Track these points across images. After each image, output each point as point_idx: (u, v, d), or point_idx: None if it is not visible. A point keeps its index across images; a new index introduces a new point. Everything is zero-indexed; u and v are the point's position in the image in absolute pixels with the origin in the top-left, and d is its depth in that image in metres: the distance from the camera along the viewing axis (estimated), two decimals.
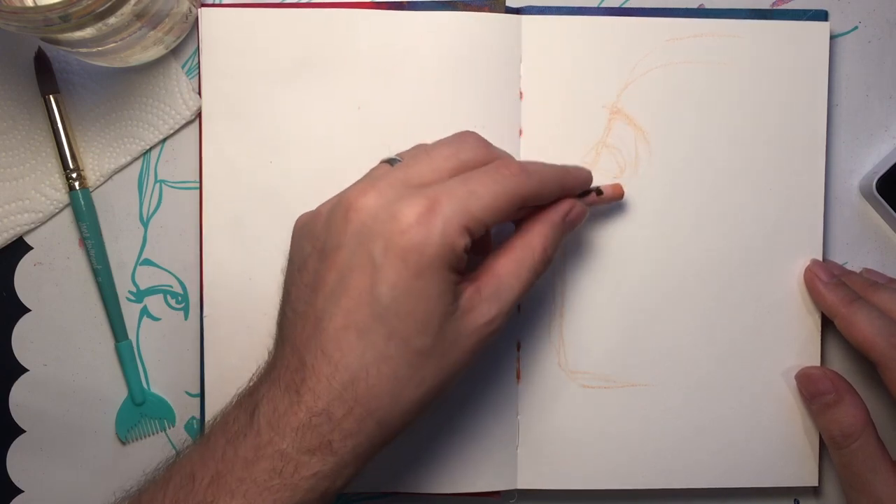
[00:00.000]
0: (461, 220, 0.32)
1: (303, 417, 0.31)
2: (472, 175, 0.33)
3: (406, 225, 0.31)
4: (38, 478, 0.44)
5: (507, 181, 0.33)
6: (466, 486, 0.43)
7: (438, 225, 0.31)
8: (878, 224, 0.45)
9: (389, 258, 0.31)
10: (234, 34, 0.42)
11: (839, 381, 0.41)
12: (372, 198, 0.32)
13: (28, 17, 0.33)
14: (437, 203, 0.32)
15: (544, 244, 0.35)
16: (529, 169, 0.35)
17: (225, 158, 0.42)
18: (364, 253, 0.32)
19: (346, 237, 0.32)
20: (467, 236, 0.32)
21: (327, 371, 0.31)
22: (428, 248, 0.31)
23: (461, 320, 0.33)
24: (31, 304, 0.44)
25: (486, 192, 0.33)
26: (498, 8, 0.42)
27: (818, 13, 0.43)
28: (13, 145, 0.43)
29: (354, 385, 0.31)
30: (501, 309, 0.34)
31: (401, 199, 0.32)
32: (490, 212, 0.33)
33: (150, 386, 0.44)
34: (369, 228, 0.32)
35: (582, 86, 0.43)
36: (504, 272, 0.34)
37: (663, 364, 0.43)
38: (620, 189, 0.42)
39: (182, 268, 0.44)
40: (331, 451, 0.31)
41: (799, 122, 0.43)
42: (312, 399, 0.31)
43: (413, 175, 0.33)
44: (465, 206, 0.32)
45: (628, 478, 0.43)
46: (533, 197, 0.35)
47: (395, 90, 0.42)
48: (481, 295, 0.33)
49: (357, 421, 0.31)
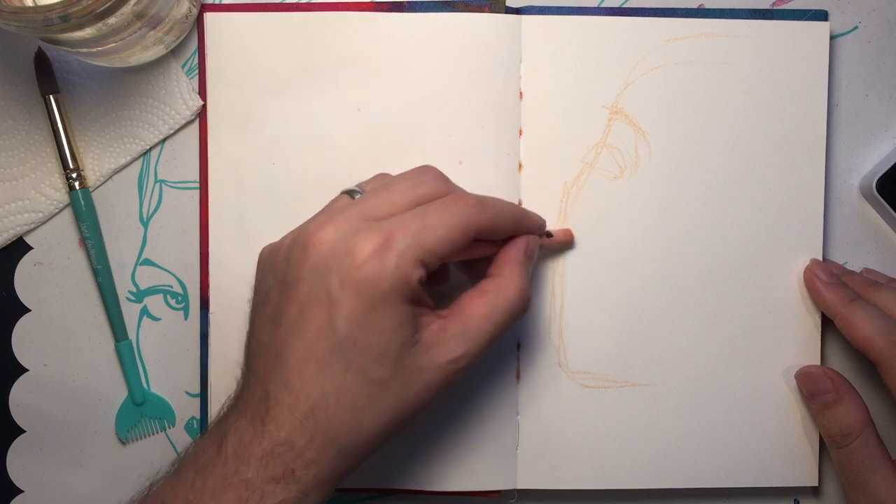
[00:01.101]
0: (415, 254, 0.32)
1: (266, 446, 0.32)
2: (428, 208, 0.34)
3: (361, 259, 0.32)
4: (38, 478, 0.44)
5: (462, 212, 0.34)
6: (466, 486, 0.43)
7: (392, 259, 0.32)
8: (878, 224, 0.45)
9: (345, 292, 0.32)
10: (238, 38, 0.42)
11: (839, 380, 0.41)
12: (329, 231, 0.33)
13: (28, 17, 0.33)
14: (392, 237, 0.32)
15: (521, 285, 0.36)
16: (485, 202, 0.36)
17: (229, 160, 0.43)
18: (322, 286, 0.32)
19: (305, 270, 0.33)
20: (421, 269, 0.33)
21: (289, 401, 0.32)
22: (382, 281, 0.32)
23: (423, 355, 0.33)
24: (31, 304, 0.44)
25: (441, 225, 0.33)
26: (498, 8, 0.42)
27: (818, 13, 0.43)
28: (13, 145, 0.43)
29: (315, 415, 0.32)
30: (469, 349, 0.34)
31: (357, 233, 0.33)
32: (444, 244, 0.33)
33: (150, 386, 0.44)
34: (326, 262, 0.32)
35: (582, 86, 0.43)
36: (475, 313, 0.35)
37: (663, 364, 0.43)
38: (570, 234, 0.43)
39: (182, 268, 0.44)
40: (294, 480, 0.32)
41: (799, 122, 0.43)
42: (275, 428, 0.32)
43: (370, 209, 0.34)
44: (419, 240, 0.33)
45: (628, 478, 0.43)
46: (488, 229, 0.35)
47: (395, 91, 0.42)
48: (447, 332, 0.34)
49: (318, 450, 0.32)
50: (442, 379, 0.34)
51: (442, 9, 0.42)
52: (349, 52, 0.42)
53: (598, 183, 0.43)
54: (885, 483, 0.39)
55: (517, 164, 0.43)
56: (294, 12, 0.42)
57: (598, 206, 0.43)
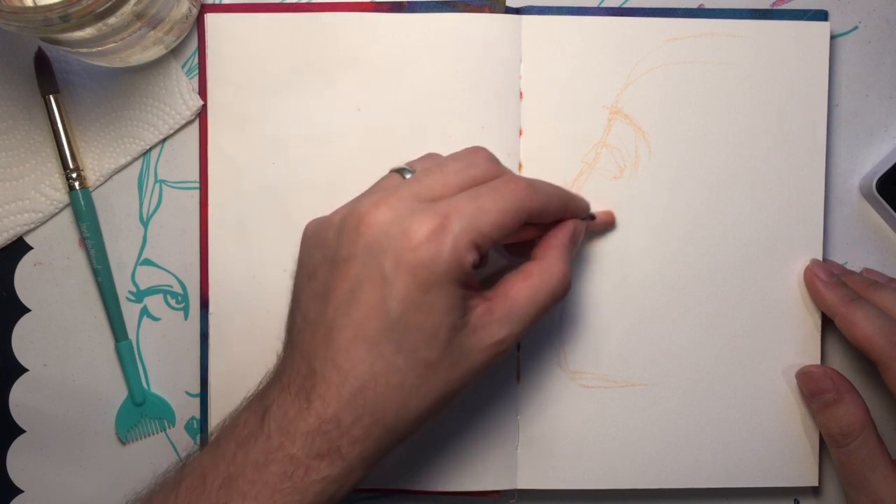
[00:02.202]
0: (470, 237, 0.32)
1: (313, 423, 0.32)
2: (481, 190, 0.34)
3: (416, 241, 0.32)
4: (38, 478, 0.44)
5: (515, 196, 0.34)
6: (466, 486, 0.43)
7: (448, 242, 0.32)
8: (878, 224, 0.45)
9: (400, 273, 0.32)
10: (238, 38, 0.42)
11: (839, 379, 0.41)
12: (383, 212, 0.33)
13: (28, 17, 0.33)
14: (447, 220, 0.32)
15: (564, 270, 0.36)
16: (536, 185, 0.35)
17: (229, 160, 0.43)
18: (375, 266, 0.32)
19: (358, 249, 0.33)
20: (475, 252, 0.33)
21: (337, 379, 0.32)
22: (437, 264, 0.32)
23: (470, 336, 0.33)
24: (31, 304, 0.44)
25: (494, 208, 0.33)
26: (498, 8, 0.42)
27: (818, 13, 0.43)
28: (13, 145, 0.43)
29: (363, 394, 0.32)
30: (512, 331, 0.34)
31: (412, 214, 0.32)
32: (497, 227, 0.33)
33: (150, 386, 0.44)
34: (380, 243, 0.32)
35: (582, 86, 0.43)
36: (519, 296, 0.35)
37: (663, 364, 0.43)
38: (612, 216, 0.43)
39: (182, 268, 0.44)
40: (340, 457, 0.32)
41: (799, 121, 0.43)
42: (322, 406, 0.32)
43: (424, 189, 0.34)
44: (473, 223, 0.33)
45: (628, 478, 0.43)
46: (538, 213, 0.35)
47: (395, 91, 0.42)
48: (493, 315, 0.34)
49: (365, 428, 0.32)
50: (486, 360, 0.34)
51: (442, 9, 0.42)
52: (349, 52, 0.42)
53: (598, 183, 0.43)
54: (885, 482, 0.39)
55: (517, 164, 0.43)
56: (294, 12, 0.42)
57: (598, 206, 0.43)
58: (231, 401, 0.42)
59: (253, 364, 0.42)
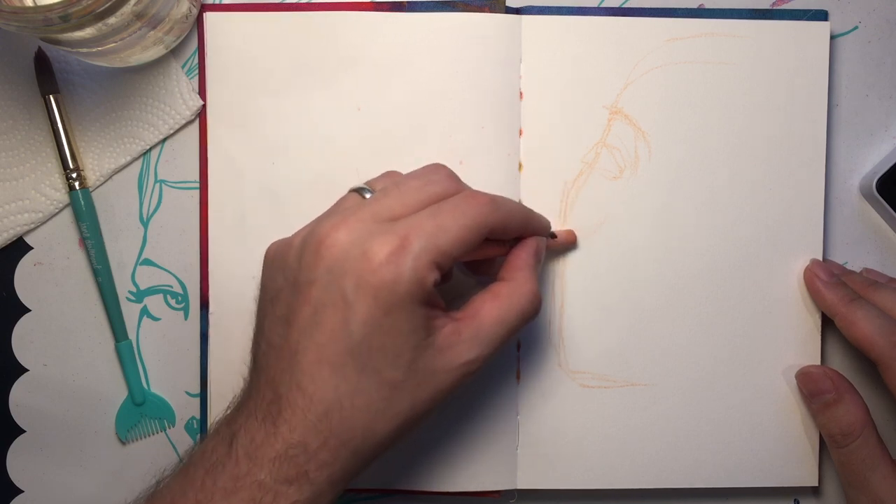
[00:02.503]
0: (430, 257, 0.32)
1: (279, 448, 0.32)
2: (441, 208, 0.34)
3: (377, 263, 0.32)
4: (38, 478, 0.44)
5: (475, 211, 0.34)
6: (466, 486, 0.43)
7: (408, 262, 0.32)
8: (878, 224, 0.45)
9: (361, 295, 0.32)
10: (238, 38, 0.42)
11: (839, 379, 0.41)
12: (343, 233, 0.33)
13: (28, 17, 0.33)
14: (407, 240, 0.32)
15: (533, 289, 0.36)
16: (497, 201, 0.35)
17: (229, 160, 0.43)
18: (336, 289, 0.32)
19: (319, 272, 0.33)
20: (436, 271, 0.33)
21: (302, 403, 0.32)
22: (398, 285, 0.32)
23: (437, 357, 0.33)
24: (31, 304, 0.44)
25: (454, 225, 0.33)
26: (498, 8, 0.42)
27: (818, 13, 0.43)
28: (13, 145, 0.43)
29: (329, 417, 0.32)
30: (481, 352, 0.34)
31: (371, 235, 0.33)
32: (458, 244, 0.33)
33: (150, 386, 0.44)
34: (341, 265, 0.32)
35: (582, 86, 0.43)
36: (488, 317, 0.35)
37: (663, 364, 0.43)
38: (573, 235, 0.43)
39: (182, 268, 0.44)
40: (307, 481, 0.32)
41: (799, 122, 0.43)
42: (288, 431, 0.32)
43: (383, 209, 0.34)
44: (433, 242, 0.33)
45: (628, 478, 0.43)
46: (499, 228, 0.35)
47: (395, 91, 0.42)
48: (461, 335, 0.34)
49: (332, 451, 0.32)
50: (454, 381, 0.34)
51: (442, 9, 0.42)
52: (349, 52, 0.42)
53: (597, 183, 0.43)
54: (885, 482, 0.39)
55: (517, 164, 0.43)
56: (294, 12, 0.42)
57: (597, 206, 0.43)
58: (230, 401, 0.42)
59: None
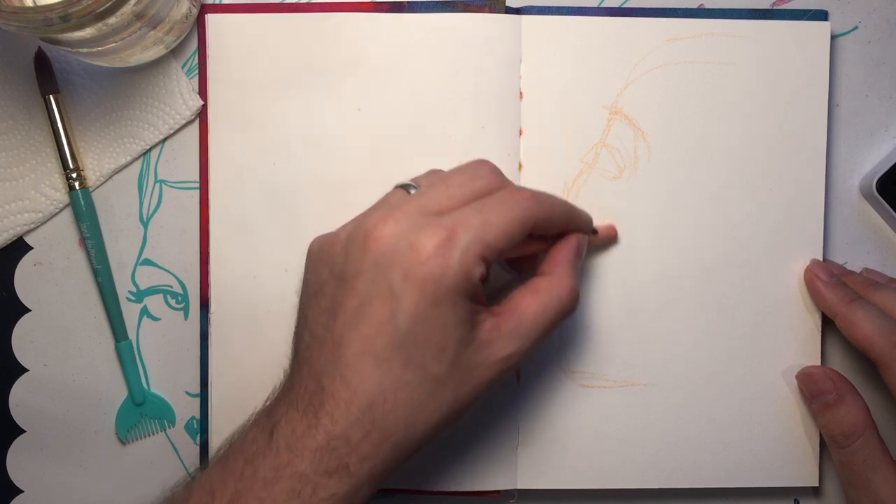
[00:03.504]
0: (477, 250, 0.32)
1: (321, 440, 0.32)
2: (487, 202, 0.34)
3: (425, 256, 0.32)
4: (38, 478, 0.44)
5: (520, 206, 0.34)
6: (466, 485, 0.43)
7: (456, 255, 0.32)
8: (878, 224, 0.45)
9: (408, 288, 0.32)
10: (238, 38, 0.42)
11: (840, 380, 0.41)
12: (390, 226, 0.33)
13: (28, 17, 0.33)
14: (454, 233, 0.32)
15: (572, 284, 0.36)
16: (540, 196, 0.36)
17: (229, 160, 0.43)
18: (383, 282, 0.32)
19: (365, 265, 0.33)
20: (483, 265, 0.33)
21: (346, 396, 0.32)
22: (446, 278, 0.32)
23: (479, 351, 0.33)
24: (31, 304, 0.44)
25: (500, 220, 0.33)
26: (498, 8, 0.42)
27: (818, 13, 0.43)
28: (13, 145, 0.43)
29: (372, 410, 0.32)
30: (520, 347, 0.34)
31: (419, 228, 0.32)
32: (504, 239, 0.33)
33: (150, 386, 0.44)
34: (388, 258, 0.32)
35: (582, 86, 0.43)
36: (528, 312, 0.35)
37: (663, 364, 0.43)
38: (614, 230, 0.43)
39: (182, 268, 0.44)
40: (348, 474, 0.32)
41: (799, 121, 0.43)
42: (331, 423, 0.32)
43: (430, 203, 0.34)
44: (480, 236, 0.33)
45: (628, 478, 0.43)
46: (543, 223, 0.35)
47: (395, 91, 0.42)
48: (500, 331, 0.34)
49: (374, 445, 0.32)
50: (494, 375, 0.34)
51: (442, 9, 0.42)
52: (349, 53, 0.42)
53: (597, 183, 0.43)
54: (886, 483, 0.39)
55: (517, 164, 0.43)
56: (294, 13, 0.42)
57: (597, 206, 0.43)
58: (231, 401, 0.43)
59: (253, 364, 0.42)
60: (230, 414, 0.43)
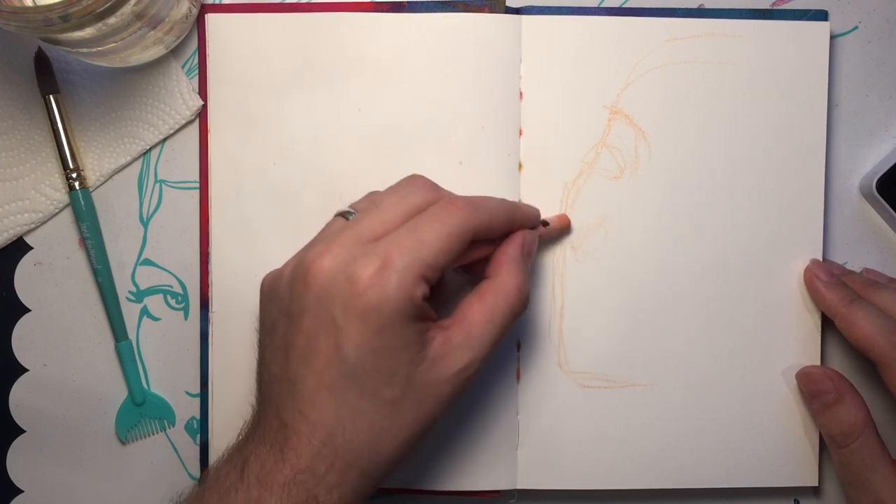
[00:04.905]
0: (415, 271, 0.33)
1: (288, 474, 0.32)
2: (420, 220, 0.34)
3: (362, 286, 0.32)
4: (38, 478, 0.44)
5: (454, 218, 0.34)
6: (466, 485, 0.43)
7: (393, 281, 0.32)
8: (878, 224, 0.45)
9: (350, 320, 0.32)
10: (238, 38, 0.42)
11: (840, 380, 0.41)
12: (327, 260, 0.33)
13: (28, 17, 0.33)
14: (389, 259, 0.32)
15: (518, 284, 0.36)
16: (476, 203, 0.35)
17: (229, 160, 0.43)
18: (327, 316, 0.33)
19: (308, 301, 0.33)
20: (424, 285, 0.33)
21: (306, 430, 0.33)
22: (386, 305, 0.32)
23: (432, 369, 0.34)
24: (31, 304, 0.44)
25: (435, 237, 0.33)
26: (498, 8, 0.42)
27: (818, 13, 0.43)
28: (13, 145, 0.43)
29: (333, 441, 0.33)
30: (474, 357, 0.34)
31: (354, 259, 0.33)
32: (442, 254, 0.33)
33: (150, 386, 0.44)
34: (328, 292, 0.33)
35: (582, 86, 0.43)
36: (476, 319, 0.35)
37: (663, 364, 0.43)
38: (566, 219, 0.42)
39: (182, 268, 0.44)
40: None
41: (799, 121, 0.43)
42: (295, 457, 0.32)
43: (364, 230, 0.34)
44: (416, 256, 0.33)
45: (628, 478, 0.43)
46: (483, 230, 0.35)
47: (395, 91, 0.42)
48: (451, 344, 0.34)
49: (339, 474, 0.33)
50: (452, 389, 0.34)
51: (442, 9, 0.42)
52: (349, 53, 0.42)
53: (598, 183, 0.43)
54: (886, 483, 0.39)
55: (517, 164, 0.43)
56: (294, 13, 0.42)
57: (597, 206, 0.43)
58: (231, 401, 0.43)
59: (253, 364, 0.42)
60: (230, 414, 0.43)
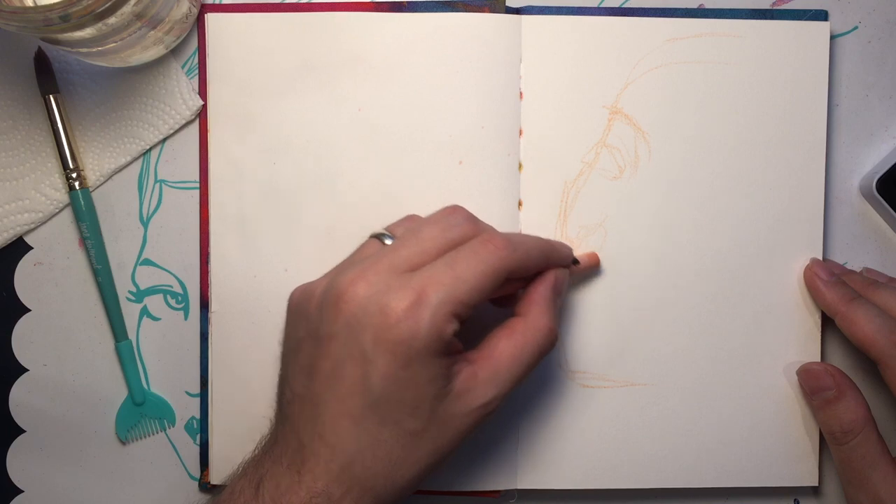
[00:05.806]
0: (448, 309, 0.32)
1: (304, 496, 0.32)
2: (458, 255, 0.34)
3: (395, 319, 0.32)
4: (38, 478, 0.44)
5: (492, 257, 0.34)
6: (466, 485, 0.43)
7: (426, 317, 0.32)
8: (878, 224, 0.45)
9: (379, 351, 0.32)
10: (238, 38, 0.42)
11: (840, 376, 0.41)
12: (361, 288, 0.33)
13: (28, 17, 0.33)
14: (424, 294, 0.32)
15: (549, 324, 0.36)
16: (514, 242, 0.35)
17: (229, 160, 0.43)
18: (355, 344, 0.33)
19: (338, 327, 0.33)
20: (455, 322, 0.33)
21: (325, 454, 0.33)
22: (416, 340, 0.32)
23: (455, 402, 0.34)
24: (31, 304, 0.44)
25: (472, 275, 0.33)
26: (498, 8, 0.42)
27: (818, 13, 0.43)
28: (13, 145, 0.43)
29: (351, 467, 0.33)
30: (499, 393, 0.34)
31: (389, 290, 0.33)
32: (476, 293, 0.33)
33: (150, 386, 0.44)
34: (359, 321, 0.33)
35: (582, 86, 0.43)
36: (504, 356, 0.35)
37: (663, 364, 0.43)
38: (596, 258, 0.42)
39: (182, 268, 0.44)
40: None
41: (799, 121, 0.43)
42: (312, 480, 0.32)
43: (401, 260, 0.34)
44: (451, 294, 0.33)
45: (628, 478, 0.43)
46: (518, 269, 0.35)
47: (395, 91, 0.42)
48: (477, 378, 0.34)
49: (355, 500, 0.33)
50: (473, 423, 0.34)
51: (442, 9, 0.42)
52: (349, 52, 0.42)
53: (598, 183, 0.43)
54: (885, 481, 0.39)
55: (517, 164, 0.43)
56: (294, 12, 0.42)
57: (597, 206, 0.43)
58: (231, 401, 0.43)
59: (253, 364, 0.42)
60: (230, 414, 0.43)
